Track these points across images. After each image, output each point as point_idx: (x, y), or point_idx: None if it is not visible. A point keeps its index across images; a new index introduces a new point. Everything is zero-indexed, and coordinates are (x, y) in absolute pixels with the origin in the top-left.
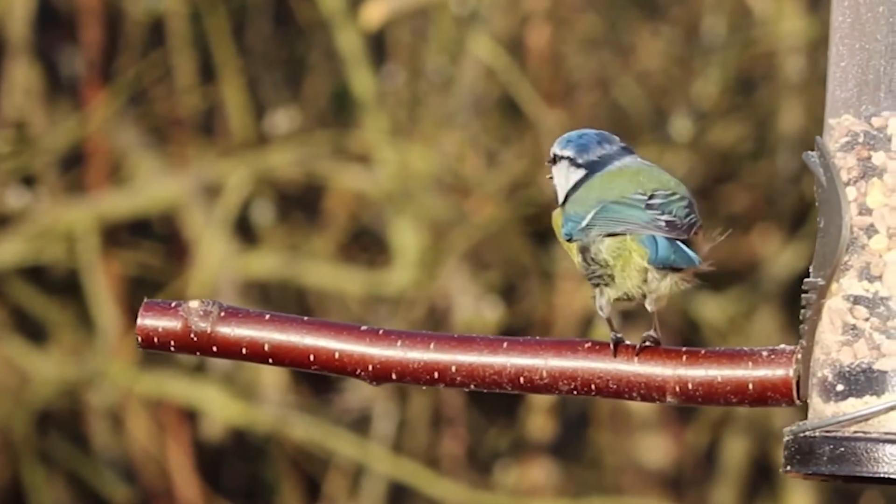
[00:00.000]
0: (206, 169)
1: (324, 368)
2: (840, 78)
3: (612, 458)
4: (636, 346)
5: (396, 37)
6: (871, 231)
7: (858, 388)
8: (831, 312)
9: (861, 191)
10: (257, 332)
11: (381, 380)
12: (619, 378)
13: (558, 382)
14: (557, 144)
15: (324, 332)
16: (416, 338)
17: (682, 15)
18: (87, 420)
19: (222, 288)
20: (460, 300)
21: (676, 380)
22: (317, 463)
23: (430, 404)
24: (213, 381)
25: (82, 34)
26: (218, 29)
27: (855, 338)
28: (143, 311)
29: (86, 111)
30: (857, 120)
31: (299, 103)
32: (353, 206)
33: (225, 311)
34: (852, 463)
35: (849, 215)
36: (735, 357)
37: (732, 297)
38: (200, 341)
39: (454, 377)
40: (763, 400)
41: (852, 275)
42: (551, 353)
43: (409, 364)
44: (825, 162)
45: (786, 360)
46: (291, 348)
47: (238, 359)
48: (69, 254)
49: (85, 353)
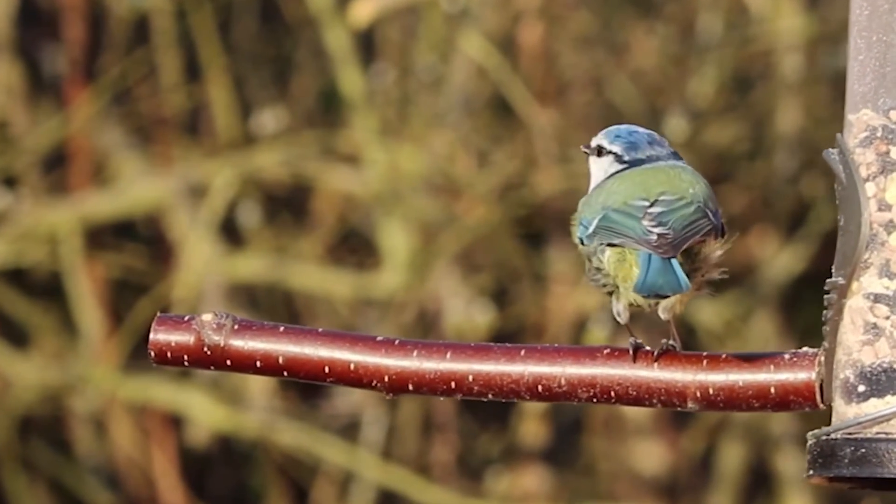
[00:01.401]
0: (191, 169)
1: (339, 381)
2: (858, 72)
3: (606, 464)
4: (655, 351)
5: (386, 34)
6: (891, 227)
7: (880, 388)
8: (852, 312)
9: (880, 186)
10: (271, 344)
11: (397, 391)
12: (640, 384)
13: (577, 390)
14: (605, 137)
15: (339, 343)
16: (433, 347)
17: (678, 12)
18: (70, 426)
19: (208, 291)
20: (451, 303)
21: (697, 385)
22: (304, 470)
23: (420, 410)
24: (199, 387)
25: (65, 32)
26: (203, 26)
27: (876, 337)
28: (155, 326)
29: (69, 110)
30: (876, 114)
31: (286, 102)
32: (341, 207)
33: (238, 323)
34: (874, 464)
35: (868, 212)
36: (756, 361)
37: (729, 300)
38: (214, 355)
39: (471, 387)
40: (786, 404)
41: (872, 272)
42: (569, 361)
43: (426, 375)
44: (844, 158)
45: (808, 363)
46: (306, 361)
47: (252, 372)
48: (52, 256)
49: (68, 357)
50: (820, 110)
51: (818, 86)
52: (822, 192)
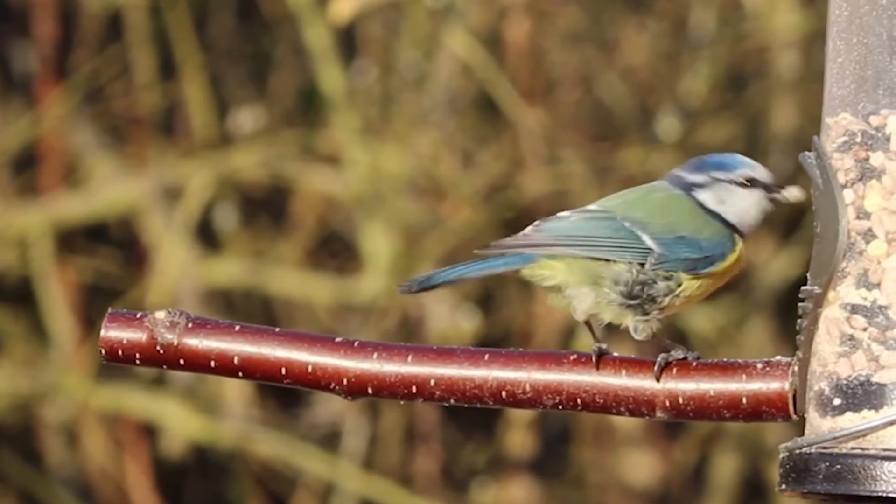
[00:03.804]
0: (166, 170)
1: (296, 382)
2: (837, 74)
3: (596, 475)
4: (657, 366)
5: (367, 31)
6: (870, 236)
7: (856, 402)
8: (828, 322)
9: (859, 193)
10: (227, 343)
11: (356, 394)
12: (606, 392)
13: (542, 396)
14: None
15: (296, 343)
16: (393, 350)
17: (669, 8)
18: (41, 436)
19: (183, 296)
20: (435, 309)
21: (666, 394)
22: (283, 481)
23: (403, 419)
24: (174, 395)
25: (35, 28)
26: (179, 23)
27: (853, 349)
28: (106, 322)
29: (39, 109)
30: (855, 118)
31: (265, 101)
32: (321, 209)
33: (193, 321)
34: (849, 481)
35: (846, 219)
36: (728, 369)
37: (722, 307)
38: (167, 354)
39: (433, 391)
40: (758, 415)
41: (850, 282)
42: (535, 366)
43: (386, 378)
44: (822, 163)
45: (781, 373)
46: (262, 361)
47: (206, 372)
48: (22, 260)
49: (38, 365)
50: (816, 109)
51: (814, 84)
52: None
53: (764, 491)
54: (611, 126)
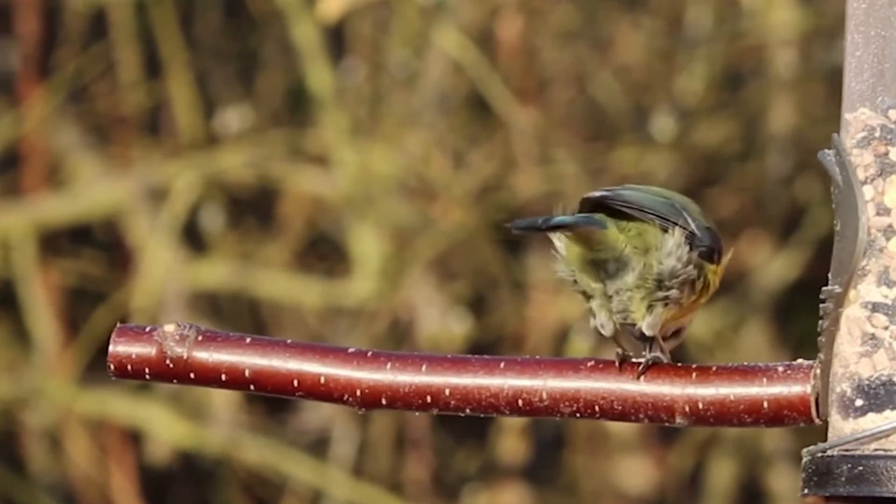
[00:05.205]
0: (151, 171)
1: (309, 395)
2: (856, 69)
3: (590, 482)
4: (639, 365)
5: (356, 29)
6: (890, 232)
7: (878, 403)
8: (849, 322)
9: (878, 189)
10: (237, 356)
11: (370, 406)
12: (625, 399)
13: (560, 404)
14: None
15: (308, 355)
16: (407, 360)
17: (665, 5)
18: (24, 442)
19: (169, 299)
20: (425, 313)
21: (686, 399)
22: (271, 488)
23: (392, 425)
24: (159, 400)
25: (18, 26)
26: (164, 20)
27: (874, 348)
28: (115, 337)
29: (22, 109)
30: (874, 113)
31: (252, 100)
32: (309, 211)
33: (202, 334)
34: (872, 483)
35: (866, 216)
36: (748, 373)
37: (719, 309)
38: (177, 368)
39: (448, 401)
40: (780, 419)
41: (870, 280)
42: (552, 374)
43: (400, 388)
44: (841, 160)
45: (803, 376)
46: (274, 374)
47: (217, 386)
48: (4, 263)
49: (21, 369)
50: (815, 108)
51: (813, 83)
52: (818, 195)
53: (761, 498)
54: (605, 126)
